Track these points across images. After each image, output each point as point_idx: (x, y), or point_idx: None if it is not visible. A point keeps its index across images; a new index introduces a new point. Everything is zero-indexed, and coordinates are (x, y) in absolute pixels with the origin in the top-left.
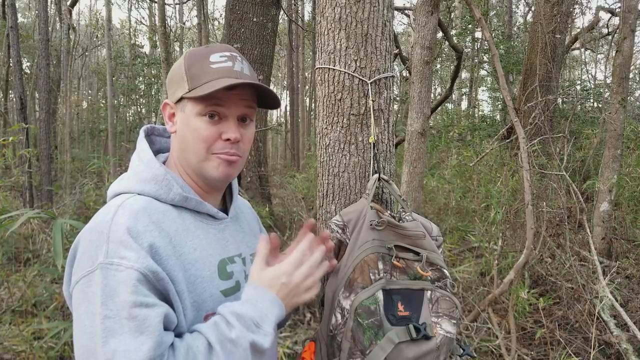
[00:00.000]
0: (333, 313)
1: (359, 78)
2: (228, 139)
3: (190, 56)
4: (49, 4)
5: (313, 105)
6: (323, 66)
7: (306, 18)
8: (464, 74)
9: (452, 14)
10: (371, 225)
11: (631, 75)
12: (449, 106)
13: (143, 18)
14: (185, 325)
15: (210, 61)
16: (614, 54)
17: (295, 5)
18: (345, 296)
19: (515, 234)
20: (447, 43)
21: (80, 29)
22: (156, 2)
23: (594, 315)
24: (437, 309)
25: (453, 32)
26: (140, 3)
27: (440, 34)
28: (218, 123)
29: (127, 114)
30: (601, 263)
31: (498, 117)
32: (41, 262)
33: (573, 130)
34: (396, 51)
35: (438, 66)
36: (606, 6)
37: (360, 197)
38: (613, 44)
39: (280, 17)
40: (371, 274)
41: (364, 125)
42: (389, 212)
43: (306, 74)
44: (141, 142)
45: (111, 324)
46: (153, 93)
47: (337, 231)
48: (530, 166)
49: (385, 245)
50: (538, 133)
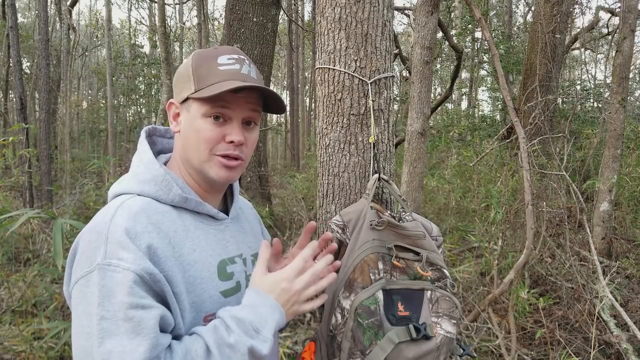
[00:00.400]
0: (333, 313)
1: (359, 78)
2: (232, 142)
3: (197, 57)
4: (49, 4)
5: (313, 105)
6: (323, 66)
7: (306, 18)
8: (464, 74)
9: (452, 14)
10: (371, 225)
11: (631, 75)
12: (449, 106)
13: (143, 18)
14: (183, 327)
15: (218, 63)
16: (614, 54)
17: (295, 5)
18: (345, 296)
19: (515, 234)
20: (447, 43)
21: (80, 29)
22: (156, 2)
23: (594, 315)
24: (437, 309)
25: (453, 32)
26: (140, 3)
27: (440, 34)
28: (222, 125)
29: (127, 114)
30: (601, 263)
31: (498, 117)
32: (41, 262)
33: (573, 130)
34: (396, 51)
35: (438, 66)
36: (606, 6)
37: (360, 197)
38: (613, 44)
39: (280, 17)
40: (371, 274)
41: (364, 125)
42: (389, 212)
43: (306, 74)
44: (142, 143)
45: (107, 325)
46: (153, 93)
47: (337, 231)
48: (530, 166)
49: (385, 245)
50: (538, 133)
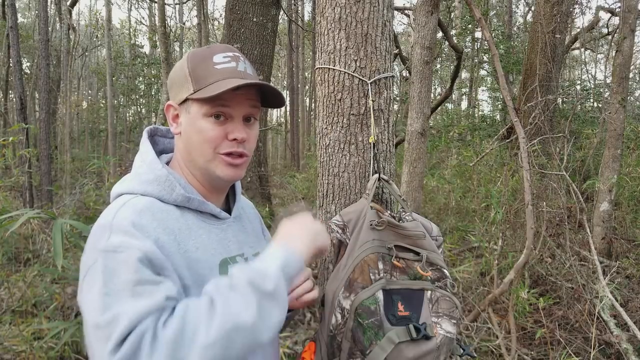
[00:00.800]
0: (333, 313)
1: (359, 78)
2: (235, 139)
3: (193, 57)
4: (49, 4)
5: (313, 105)
6: (323, 66)
7: (306, 18)
8: (464, 74)
9: (452, 14)
10: (371, 225)
11: (631, 75)
12: (449, 106)
13: (143, 18)
14: None
15: (214, 62)
16: (614, 54)
17: (295, 5)
18: (345, 296)
19: (515, 234)
20: (447, 43)
21: (80, 29)
22: (156, 2)
23: (594, 315)
24: (437, 309)
25: (453, 32)
26: (140, 3)
27: (440, 34)
28: (224, 123)
29: (127, 114)
30: (601, 263)
31: (498, 117)
32: (41, 262)
33: (573, 130)
34: (396, 51)
35: (438, 66)
36: (606, 6)
37: (360, 197)
38: (613, 44)
39: (280, 17)
40: (371, 274)
41: (364, 125)
42: (389, 212)
43: (306, 74)
44: (144, 143)
45: (110, 300)
46: (153, 93)
47: (337, 231)
48: (530, 166)
49: (385, 245)
50: (538, 133)
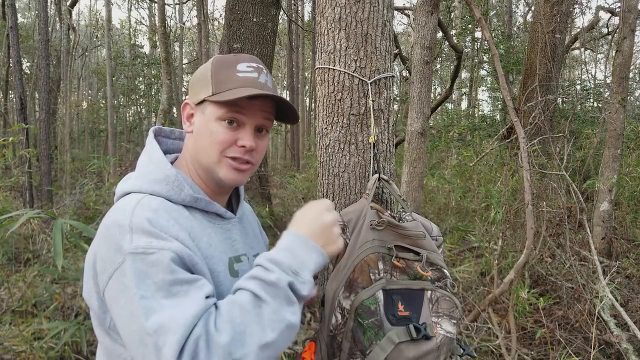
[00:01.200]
0: (333, 313)
1: (359, 78)
2: (243, 146)
3: (218, 62)
4: (49, 4)
5: (313, 105)
6: (323, 66)
7: (306, 18)
8: (464, 74)
9: (452, 14)
10: (371, 225)
11: (631, 75)
12: (449, 106)
13: (143, 18)
14: None
15: (237, 69)
16: (614, 54)
17: (295, 5)
18: (345, 296)
19: (515, 234)
20: (447, 43)
21: (80, 29)
22: (156, 2)
23: (594, 315)
24: (437, 309)
25: (453, 32)
26: (140, 3)
27: (440, 34)
28: (235, 130)
29: (127, 114)
30: (601, 263)
31: (498, 117)
32: (41, 263)
33: (573, 130)
34: (396, 51)
35: (438, 66)
36: (606, 6)
37: (360, 197)
38: (613, 44)
39: (280, 17)
40: (371, 274)
41: (364, 125)
42: (389, 212)
43: (306, 74)
44: (151, 143)
45: (148, 303)
46: (153, 93)
47: None
48: (530, 166)
49: (385, 245)
50: (538, 133)
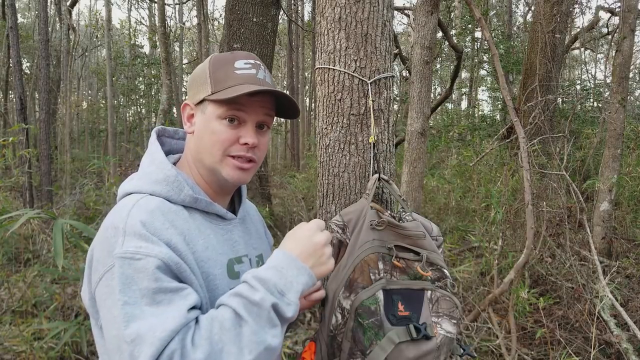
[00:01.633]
0: (333, 313)
1: (359, 78)
2: (245, 144)
3: (215, 60)
4: (49, 4)
5: (313, 105)
6: (323, 66)
7: (306, 18)
8: (464, 74)
9: (452, 14)
10: (371, 225)
11: (631, 74)
12: (449, 106)
13: (143, 18)
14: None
15: (235, 67)
16: (614, 54)
17: (295, 5)
18: (345, 296)
19: (515, 234)
20: (447, 43)
21: (80, 29)
22: (156, 2)
23: (594, 314)
24: (438, 309)
25: (453, 32)
26: (140, 3)
27: (440, 34)
28: (237, 127)
29: (127, 114)
30: (601, 263)
31: (498, 117)
32: (41, 263)
33: (573, 130)
34: (396, 51)
35: (438, 66)
36: (606, 6)
37: (360, 197)
38: (613, 44)
39: (280, 17)
40: (371, 274)
41: (364, 125)
42: (389, 212)
43: (306, 74)
44: (153, 144)
45: (131, 310)
46: (153, 93)
47: (337, 231)
48: (530, 166)
49: (385, 245)
50: (538, 133)
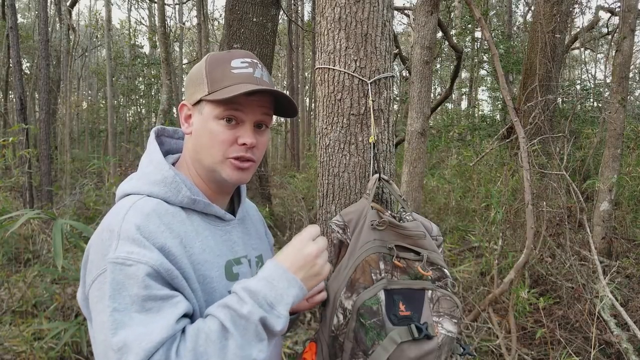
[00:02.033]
0: (335, 313)
1: (359, 78)
2: (244, 144)
3: (211, 60)
4: (49, 5)
5: (313, 105)
6: (323, 66)
7: (306, 18)
8: (464, 74)
9: (452, 14)
10: (372, 225)
11: (631, 74)
12: (449, 106)
13: (143, 18)
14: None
15: (231, 66)
16: (614, 54)
17: (295, 5)
18: (347, 296)
19: (515, 234)
20: (447, 43)
21: (80, 30)
22: (156, 3)
23: (594, 314)
24: (438, 309)
25: (453, 32)
26: (140, 3)
27: (440, 34)
28: (235, 127)
29: (127, 114)
30: (601, 262)
31: (498, 117)
32: (41, 263)
33: (573, 129)
34: (396, 51)
35: (438, 66)
36: (606, 6)
37: (360, 197)
38: (613, 44)
39: (280, 17)
40: (373, 274)
41: (364, 125)
42: (390, 212)
43: (306, 74)
44: (152, 144)
45: (120, 317)
46: (153, 93)
47: (338, 231)
48: (530, 166)
49: (386, 245)
50: (538, 133)
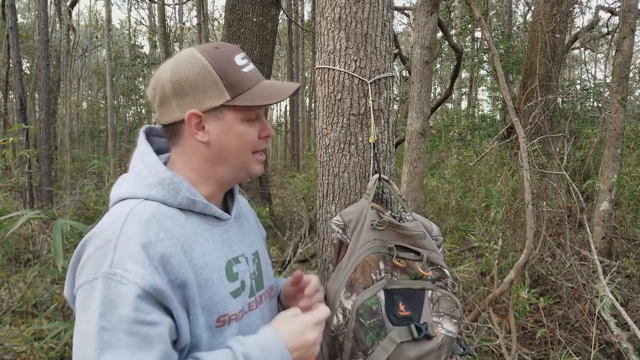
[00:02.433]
0: (334, 314)
1: (359, 78)
2: (267, 135)
3: (215, 60)
4: (49, 5)
5: (313, 105)
6: (323, 66)
7: (306, 18)
8: (464, 74)
9: (452, 14)
10: (372, 225)
11: (631, 74)
12: (449, 106)
13: (143, 18)
14: (195, 332)
15: (238, 65)
16: (614, 54)
17: (295, 5)
18: (346, 296)
19: (515, 234)
20: (447, 43)
21: (79, 30)
22: (156, 3)
23: (595, 314)
24: (438, 309)
25: (453, 32)
26: (140, 3)
27: (440, 34)
28: (255, 122)
29: (127, 115)
30: (601, 262)
31: (498, 117)
32: (41, 263)
33: (573, 129)
34: (396, 51)
35: (438, 66)
36: (606, 5)
37: (360, 197)
38: (613, 44)
39: (280, 17)
40: (372, 274)
41: (364, 125)
42: (390, 212)
43: (306, 74)
44: (143, 145)
45: (108, 336)
46: None
47: (338, 231)
48: (530, 166)
49: (386, 245)
50: (538, 133)
